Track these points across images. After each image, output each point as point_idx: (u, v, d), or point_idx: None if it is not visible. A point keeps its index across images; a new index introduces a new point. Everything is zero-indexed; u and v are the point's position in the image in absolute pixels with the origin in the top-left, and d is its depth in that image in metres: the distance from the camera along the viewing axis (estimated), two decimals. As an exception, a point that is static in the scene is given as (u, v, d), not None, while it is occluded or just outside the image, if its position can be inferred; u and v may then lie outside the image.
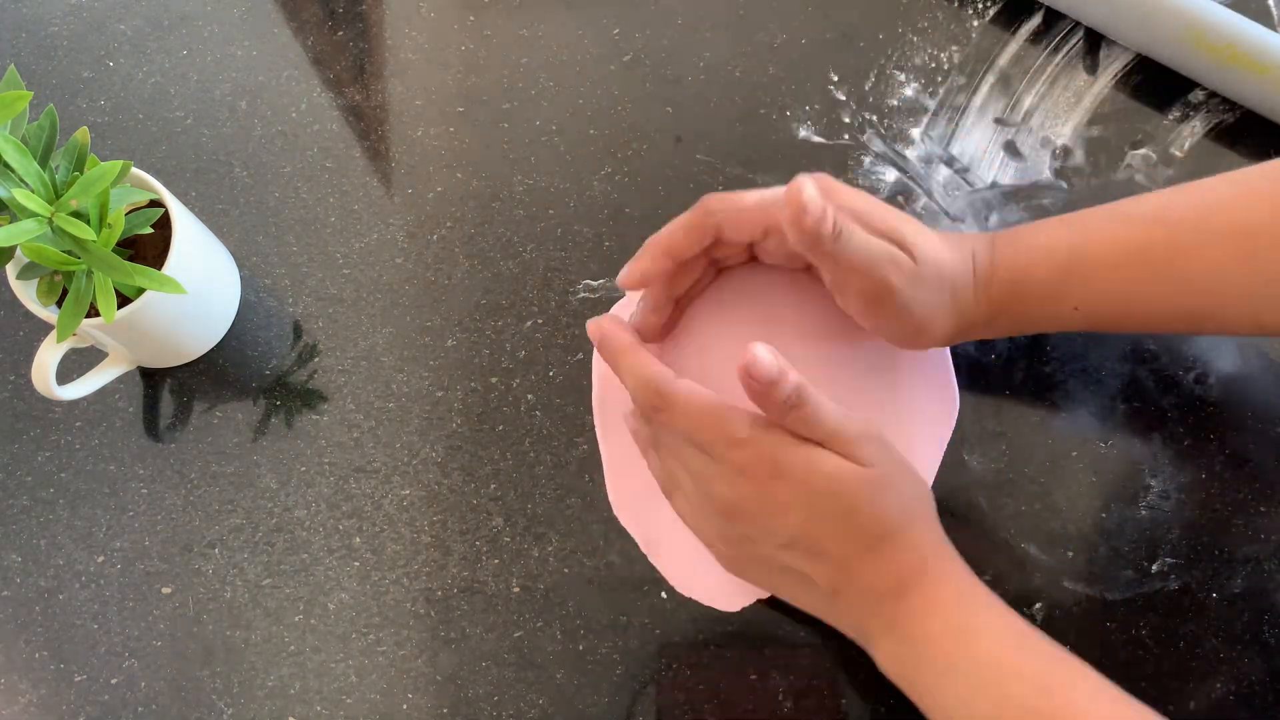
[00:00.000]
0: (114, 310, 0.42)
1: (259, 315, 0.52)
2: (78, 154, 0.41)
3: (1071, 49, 0.55)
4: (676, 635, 0.45)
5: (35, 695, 0.46)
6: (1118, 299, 0.40)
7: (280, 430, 0.49)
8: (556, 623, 0.45)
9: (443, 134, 0.55)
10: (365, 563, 0.47)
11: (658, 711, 0.44)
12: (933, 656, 0.36)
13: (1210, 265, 0.39)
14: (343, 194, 0.54)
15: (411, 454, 0.49)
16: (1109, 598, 0.44)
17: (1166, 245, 0.39)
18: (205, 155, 0.55)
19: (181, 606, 0.47)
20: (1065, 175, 0.52)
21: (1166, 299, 0.40)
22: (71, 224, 0.39)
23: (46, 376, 0.44)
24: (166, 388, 0.50)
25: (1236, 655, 0.43)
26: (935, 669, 0.36)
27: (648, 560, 0.46)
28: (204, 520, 0.48)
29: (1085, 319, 0.41)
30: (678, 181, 0.53)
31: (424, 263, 0.52)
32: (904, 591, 0.37)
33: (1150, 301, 0.40)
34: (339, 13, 0.58)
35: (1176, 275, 0.39)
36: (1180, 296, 0.40)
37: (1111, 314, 0.41)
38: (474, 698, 0.44)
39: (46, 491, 0.49)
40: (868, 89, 0.55)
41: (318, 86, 0.56)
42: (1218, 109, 0.53)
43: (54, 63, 0.57)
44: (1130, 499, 0.46)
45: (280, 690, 0.45)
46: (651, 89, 0.55)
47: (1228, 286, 0.39)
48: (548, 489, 0.48)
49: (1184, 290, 0.39)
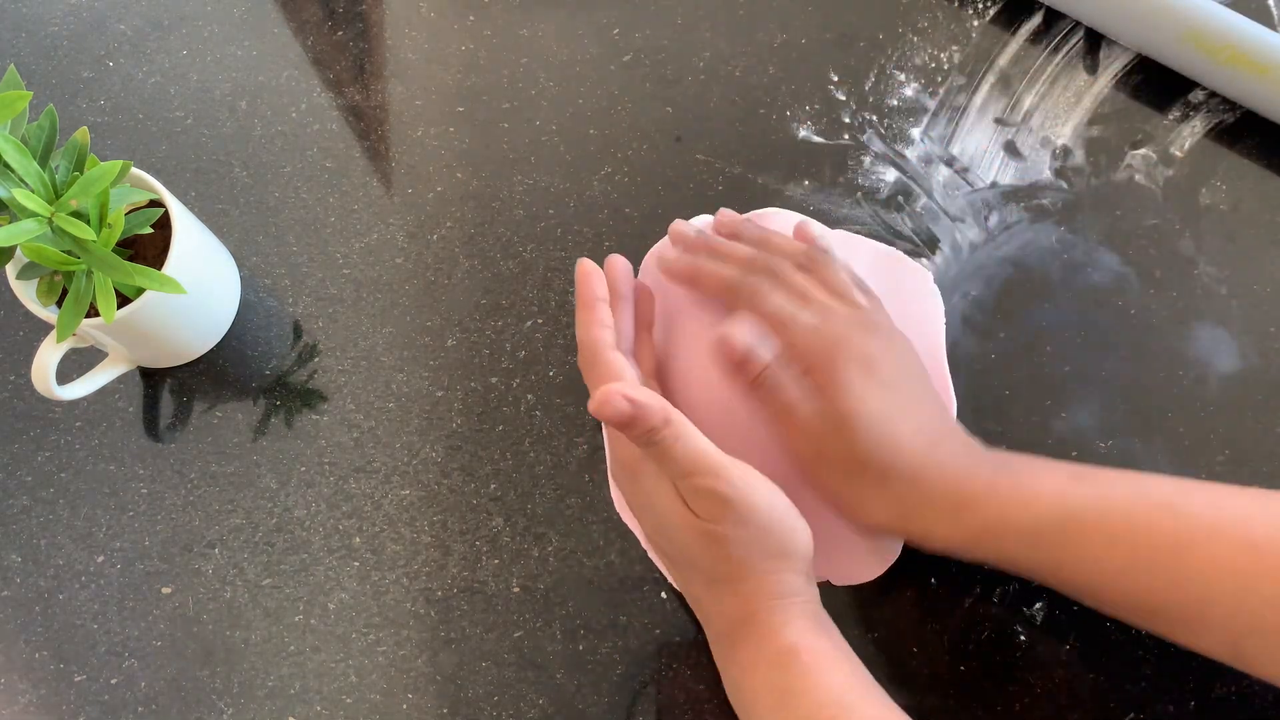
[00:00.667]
0: (114, 310, 0.42)
1: (259, 315, 0.52)
2: (78, 154, 0.41)
3: (1071, 49, 0.55)
4: (676, 635, 0.45)
5: (35, 695, 0.46)
6: (1105, 572, 0.38)
7: (280, 430, 0.49)
8: (556, 623, 0.45)
9: (443, 134, 0.55)
10: (365, 563, 0.47)
11: (658, 711, 0.44)
12: (752, 709, 0.38)
13: (1208, 569, 0.36)
14: (343, 194, 0.54)
15: (411, 454, 0.49)
16: (1109, 598, 0.44)
17: (1172, 535, 0.36)
18: (205, 155, 0.55)
19: (181, 606, 0.47)
20: (1065, 175, 0.52)
21: (1153, 592, 0.37)
22: (71, 224, 0.39)
23: (46, 376, 0.44)
24: (166, 388, 0.50)
25: (1236, 655, 0.44)
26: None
27: (648, 560, 0.46)
28: (204, 520, 0.48)
29: (1065, 585, 0.39)
30: (678, 181, 0.53)
31: (424, 263, 0.52)
32: (735, 638, 0.38)
33: (1134, 588, 0.37)
34: (339, 13, 0.58)
35: (1171, 569, 0.36)
36: (1168, 593, 0.37)
37: (1096, 583, 0.38)
38: (474, 698, 0.44)
39: (46, 491, 0.49)
40: (868, 89, 0.55)
41: (318, 86, 0.56)
42: (1218, 109, 0.53)
43: (54, 63, 0.57)
44: (1130, 499, 0.46)
45: (280, 690, 0.45)
46: (651, 89, 0.55)
47: (1218, 599, 0.36)
48: (548, 489, 0.48)
49: (1173, 587, 0.36)
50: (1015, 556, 0.39)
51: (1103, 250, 0.51)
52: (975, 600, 0.45)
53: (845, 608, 0.45)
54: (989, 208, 0.52)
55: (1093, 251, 0.51)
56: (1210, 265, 0.50)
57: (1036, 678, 0.43)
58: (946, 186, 0.52)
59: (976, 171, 0.53)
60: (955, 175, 0.53)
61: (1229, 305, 0.49)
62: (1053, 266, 0.50)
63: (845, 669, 0.37)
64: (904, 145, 0.53)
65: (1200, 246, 0.50)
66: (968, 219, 0.52)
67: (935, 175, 0.53)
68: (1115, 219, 0.51)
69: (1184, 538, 0.36)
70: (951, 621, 0.44)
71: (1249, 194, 0.51)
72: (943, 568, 0.45)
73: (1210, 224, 0.51)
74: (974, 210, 0.52)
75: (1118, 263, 0.50)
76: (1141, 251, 0.50)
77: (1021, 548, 0.38)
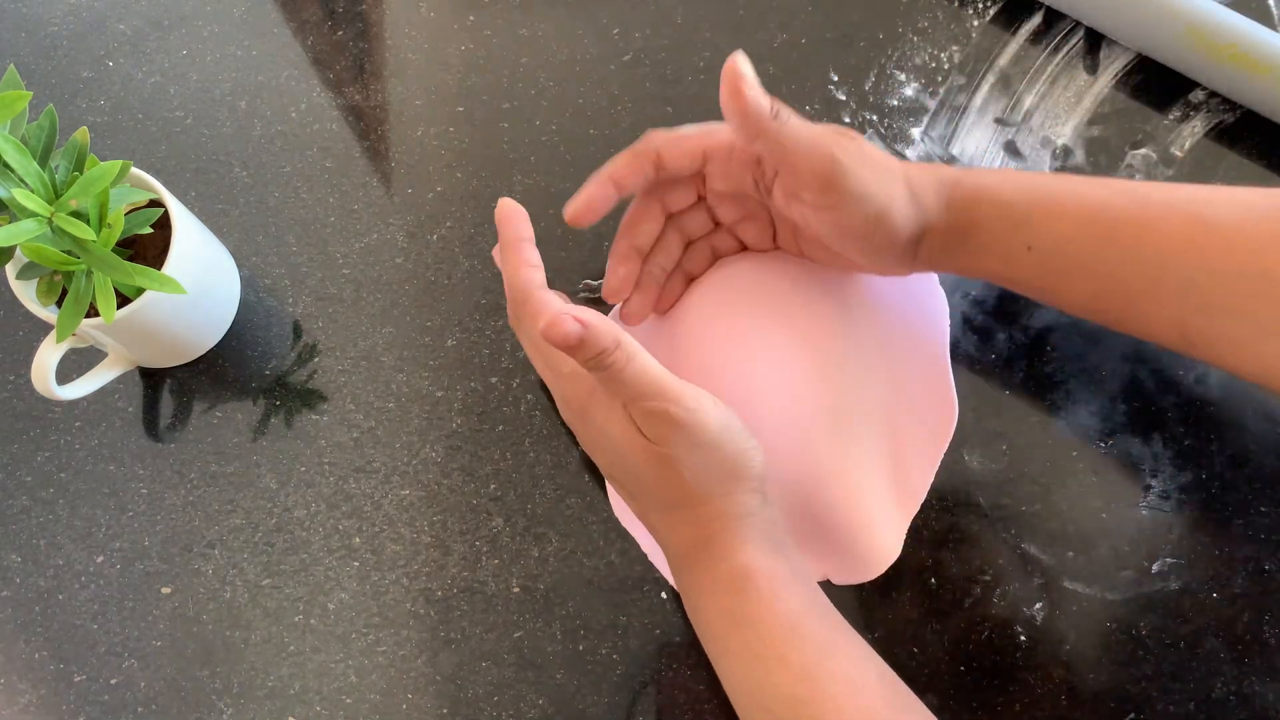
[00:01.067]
0: (114, 310, 0.42)
1: (259, 315, 0.52)
2: (77, 154, 0.41)
3: (1071, 49, 0.55)
4: (676, 635, 0.45)
5: (35, 695, 0.46)
6: (1070, 252, 0.39)
7: (280, 430, 0.49)
8: (556, 623, 0.45)
9: (443, 134, 0.55)
10: (365, 563, 0.47)
11: (658, 711, 0.44)
12: (710, 634, 0.38)
13: (1163, 245, 0.38)
14: (343, 194, 0.54)
15: (411, 454, 0.49)
16: (1109, 598, 0.44)
17: (1128, 213, 0.39)
18: (205, 155, 0.55)
19: (181, 606, 0.47)
20: (1065, 175, 0.52)
21: (1111, 269, 0.39)
22: (71, 224, 0.39)
23: (46, 376, 0.44)
24: (166, 388, 0.50)
25: (1236, 655, 0.43)
26: (713, 646, 0.38)
27: (648, 560, 0.46)
28: (204, 520, 0.48)
29: (1034, 266, 0.40)
30: (678, 181, 0.53)
31: (424, 263, 0.52)
32: (691, 562, 0.39)
33: (1097, 266, 0.39)
34: (339, 13, 0.58)
35: (1131, 248, 0.38)
36: (1125, 269, 0.39)
37: (1059, 266, 0.40)
38: (474, 698, 0.44)
39: (46, 491, 0.49)
40: (868, 89, 0.55)
41: (318, 86, 0.56)
42: (1218, 109, 0.53)
43: (54, 63, 0.57)
44: (1130, 499, 0.46)
45: (280, 690, 0.45)
46: (651, 89, 0.55)
47: (1171, 272, 0.38)
48: (548, 489, 0.48)
49: (1129, 264, 0.38)
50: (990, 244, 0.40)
51: (1103, 250, 0.51)
52: (975, 600, 0.45)
53: (845, 608, 0.44)
54: (989, 208, 0.52)
55: (1093, 251, 0.51)
56: (1210, 265, 0.50)
57: (1036, 678, 0.43)
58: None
59: (976, 171, 0.53)
60: (955, 175, 0.53)
61: (1229, 305, 0.49)
62: (1053, 266, 0.50)
63: (798, 593, 0.37)
64: (904, 145, 0.53)
65: (1200, 246, 0.50)
66: (968, 219, 0.52)
67: (935, 175, 0.53)
68: (1115, 219, 0.51)
69: (1146, 215, 0.38)
70: (951, 621, 0.44)
71: (1249, 194, 0.51)
72: (943, 568, 0.45)
73: (1210, 224, 0.51)
74: (974, 210, 0.52)
75: (1118, 263, 0.50)
76: (1141, 251, 0.50)
77: (996, 223, 0.40)
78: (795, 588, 0.37)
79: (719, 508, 0.38)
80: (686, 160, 0.42)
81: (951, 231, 0.41)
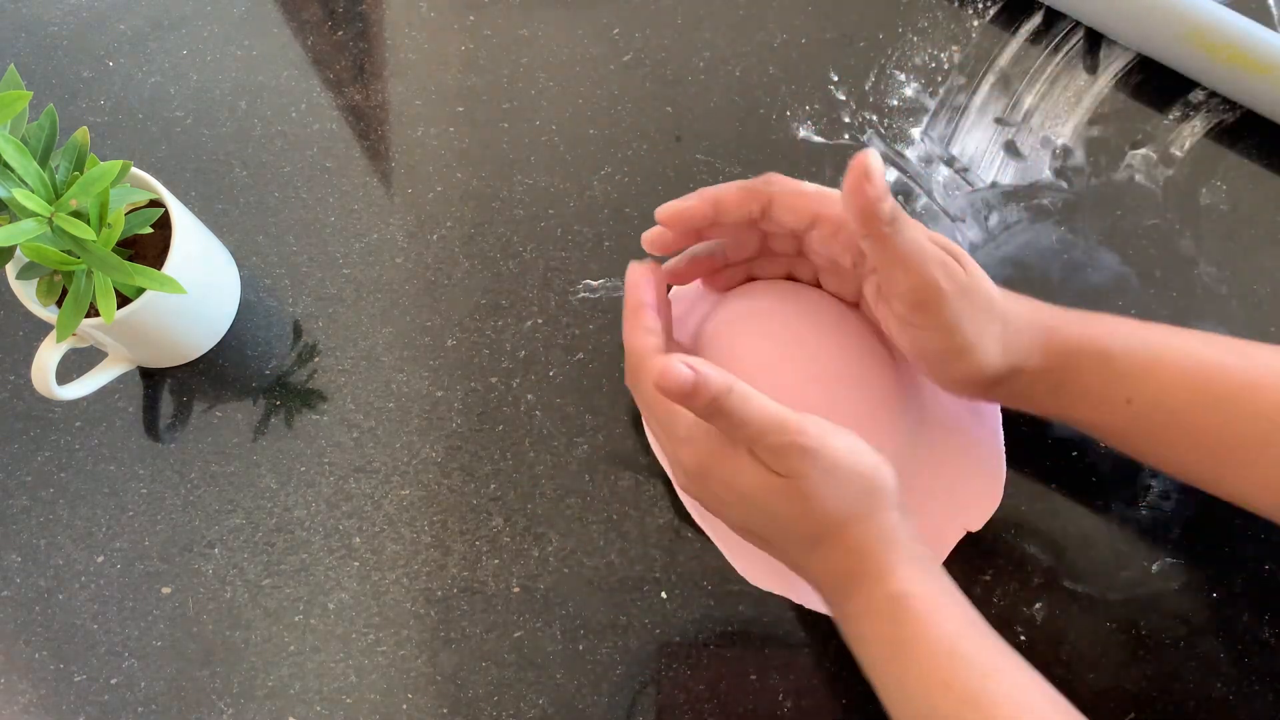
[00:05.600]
0: (114, 310, 0.42)
1: (259, 315, 0.52)
2: (78, 154, 0.41)
3: (1071, 49, 0.55)
4: (676, 635, 0.45)
5: (35, 695, 0.46)
6: (1172, 408, 0.38)
7: (280, 430, 0.49)
8: (556, 623, 0.45)
9: (443, 134, 0.55)
10: (365, 563, 0.47)
11: (658, 711, 0.44)
12: (871, 662, 0.38)
13: (1272, 410, 0.37)
14: (343, 194, 0.54)
15: (411, 454, 0.49)
16: (1109, 598, 0.44)
17: (1237, 371, 0.38)
18: (205, 155, 0.55)
19: (181, 606, 0.47)
20: (1065, 175, 0.52)
21: (1213, 428, 0.38)
22: (71, 224, 0.39)
23: (46, 376, 0.44)
24: (166, 388, 0.50)
25: (1236, 655, 0.43)
26: (873, 671, 0.38)
27: (648, 560, 0.46)
28: (204, 520, 0.48)
29: (1132, 419, 0.39)
30: (678, 181, 0.53)
31: (424, 263, 0.52)
32: (844, 591, 0.38)
33: (1199, 424, 0.38)
34: (339, 13, 0.58)
35: (1236, 406, 0.37)
36: (1227, 429, 0.38)
37: (1159, 421, 0.39)
38: (474, 698, 0.44)
39: (46, 491, 0.49)
40: (868, 89, 0.55)
41: (318, 86, 0.56)
42: (1218, 109, 0.53)
43: (54, 63, 0.57)
44: (1130, 499, 0.46)
45: (280, 690, 0.45)
46: (651, 89, 0.55)
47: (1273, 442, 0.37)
48: (548, 489, 0.48)
49: (1233, 424, 0.37)
50: (1088, 390, 0.39)
51: (1103, 250, 0.51)
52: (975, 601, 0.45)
53: (845, 608, 0.45)
54: (989, 207, 0.52)
55: (1093, 251, 0.51)
56: (1210, 265, 0.50)
57: (1036, 678, 0.43)
58: (946, 186, 0.52)
59: (976, 171, 0.53)
60: (955, 175, 0.53)
61: (1229, 305, 0.49)
62: (1053, 266, 0.50)
63: (956, 615, 0.37)
64: (904, 145, 0.53)
65: (1200, 246, 0.50)
66: (968, 219, 0.52)
67: (935, 175, 0.53)
68: (1115, 219, 0.51)
69: (1252, 377, 0.37)
70: (951, 621, 0.44)
71: (1249, 194, 0.51)
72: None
73: (1210, 224, 0.51)
74: (974, 210, 0.52)
75: (1118, 263, 0.50)
76: (1141, 251, 0.50)
77: (1096, 374, 0.39)
78: (953, 609, 0.37)
79: (864, 530, 0.38)
80: (794, 217, 0.41)
81: (1046, 377, 0.40)
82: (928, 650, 0.36)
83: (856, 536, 0.37)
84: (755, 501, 0.38)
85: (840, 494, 0.37)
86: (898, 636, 0.36)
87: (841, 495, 0.37)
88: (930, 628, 0.36)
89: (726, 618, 0.45)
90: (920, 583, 0.37)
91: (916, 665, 0.36)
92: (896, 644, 0.36)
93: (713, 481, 0.39)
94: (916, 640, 0.36)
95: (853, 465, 0.37)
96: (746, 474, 0.37)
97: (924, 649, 0.36)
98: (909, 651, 0.36)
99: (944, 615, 0.36)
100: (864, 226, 0.36)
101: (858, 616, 0.38)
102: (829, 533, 0.37)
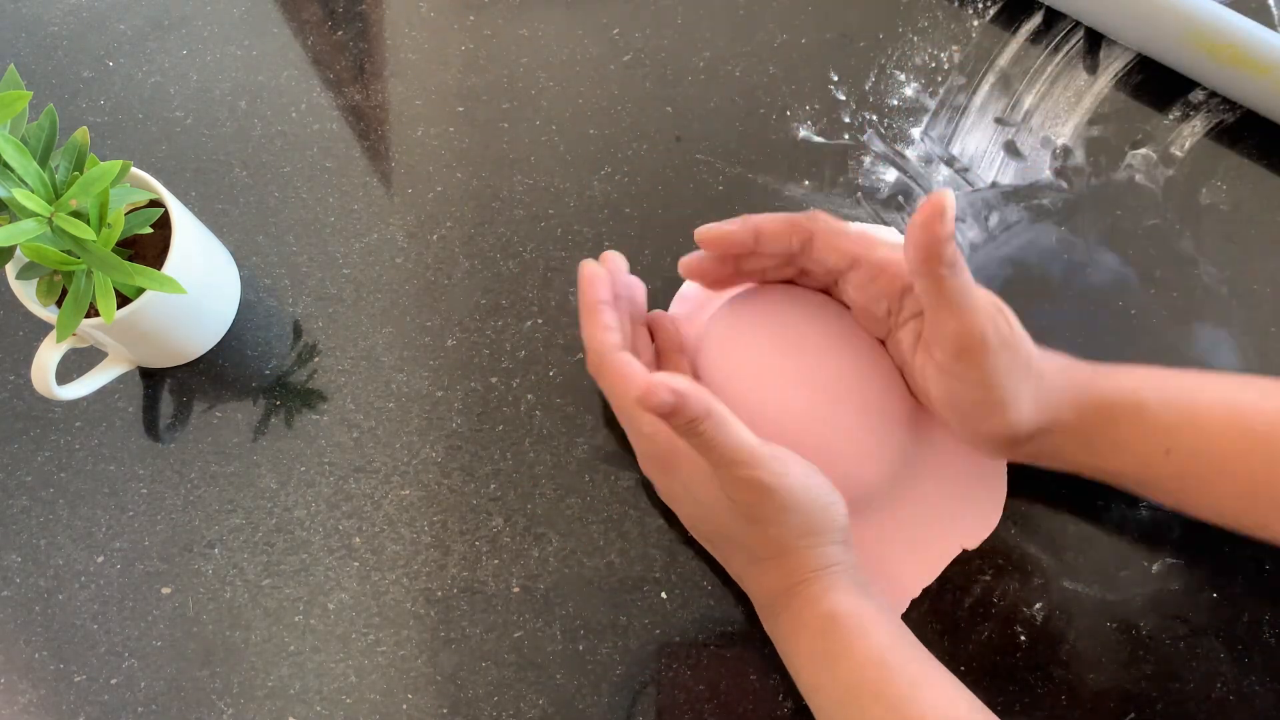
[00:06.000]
0: (114, 310, 0.42)
1: (259, 315, 0.52)
2: (77, 154, 0.41)
3: (1071, 49, 0.55)
4: (676, 635, 0.45)
5: (35, 695, 0.46)
6: (1212, 455, 0.38)
7: (280, 430, 0.49)
8: (556, 623, 0.45)
9: (443, 134, 0.55)
10: (365, 563, 0.47)
11: (658, 711, 0.44)
12: (801, 675, 0.39)
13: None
14: (343, 194, 0.54)
15: (411, 454, 0.49)
16: (1109, 598, 0.44)
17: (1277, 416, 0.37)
18: (205, 155, 0.55)
19: (181, 606, 0.47)
20: (1065, 175, 0.52)
21: (1256, 473, 0.37)
22: (71, 224, 0.39)
23: (46, 376, 0.44)
24: (166, 388, 0.50)
25: (1236, 655, 0.43)
26: (806, 686, 0.39)
27: (648, 560, 0.46)
28: (204, 520, 0.48)
29: (1172, 469, 0.39)
30: (678, 181, 0.53)
31: (424, 263, 0.52)
32: (779, 609, 0.40)
33: (1241, 470, 0.38)
34: (339, 13, 0.58)
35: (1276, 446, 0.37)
36: (1271, 472, 0.37)
37: (1199, 470, 0.38)
38: (474, 698, 0.44)
39: (46, 491, 0.49)
40: (868, 89, 0.55)
41: (318, 86, 0.56)
42: (1218, 109, 0.53)
43: (54, 63, 0.57)
44: (1130, 499, 0.46)
45: (280, 690, 0.45)
46: (651, 89, 0.55)
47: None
48: (548, 489, 0.48)
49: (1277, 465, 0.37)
50: (1124, 444, 0.39)
51: (1103, 250, 0.51)
52: (975, 600, 0.45)
53: (845, 608, 0.45)
54: (989, 208, 0.52)
55: (1093, 251, 0.51)
56: (1210, 265, 0.50)
57: (1036, 678, 0.43)
58: (947, 186, 0.52)
59: (977, 171, 0.53)
60: (955, 175, 0.53)
61: (1229, 305, 0.49)
62: (1053, 266, 0.50)
63: (885, 629, 0.38)
64: (904, 145, 0.53)
65: (1200, 246, 0.50)
66: (968, 219, 0.52)
67: (935, 175, 0.53)
68: (1115, 219, 0.51)
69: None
70: (952, 622, 0.44)
71: (1249, 194, 0.51)
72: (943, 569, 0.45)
73: (1210, 224, 0.51)
74: (974, 210, 0.52)
75: (1118, 263, 0.50)
76: (1141, 251, 0.50)
77: (1133, 427, 0.39)
78: (882, 624, 0.38)
79: (805, 559, 0.39)
80: (835, 257, 0.41)
81: (1079, 433, 0.40)
82: (857, 662, 0.37)
83: (796, 562, 0.39)
84: (707, 510, 0.40)
85: (790, 527, 0.38)
86: (828, 650, 0.37)
87: (790, 528, 0.38)
88: (859, 639, 0.37)
89: (726, 618, 0.45)
90: (852, 603, 0.38)
91: (846, 675, 0.36)
92: (827, 656, 0.37)
93: (672, 479, 0.41)
94: (846, 653, 0.37)
95: (806, 504, 0.38)
96: (703, 489, 0.39)
97: (854, 661, 0.37)
98: (839, 663, 0.37)
99: (874, 629, 0.37)
100: (924, 264, 0.35)
101: (790, 631, 0.39)
102: (770, 555, 0.39)
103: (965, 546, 0.45)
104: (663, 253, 0.51)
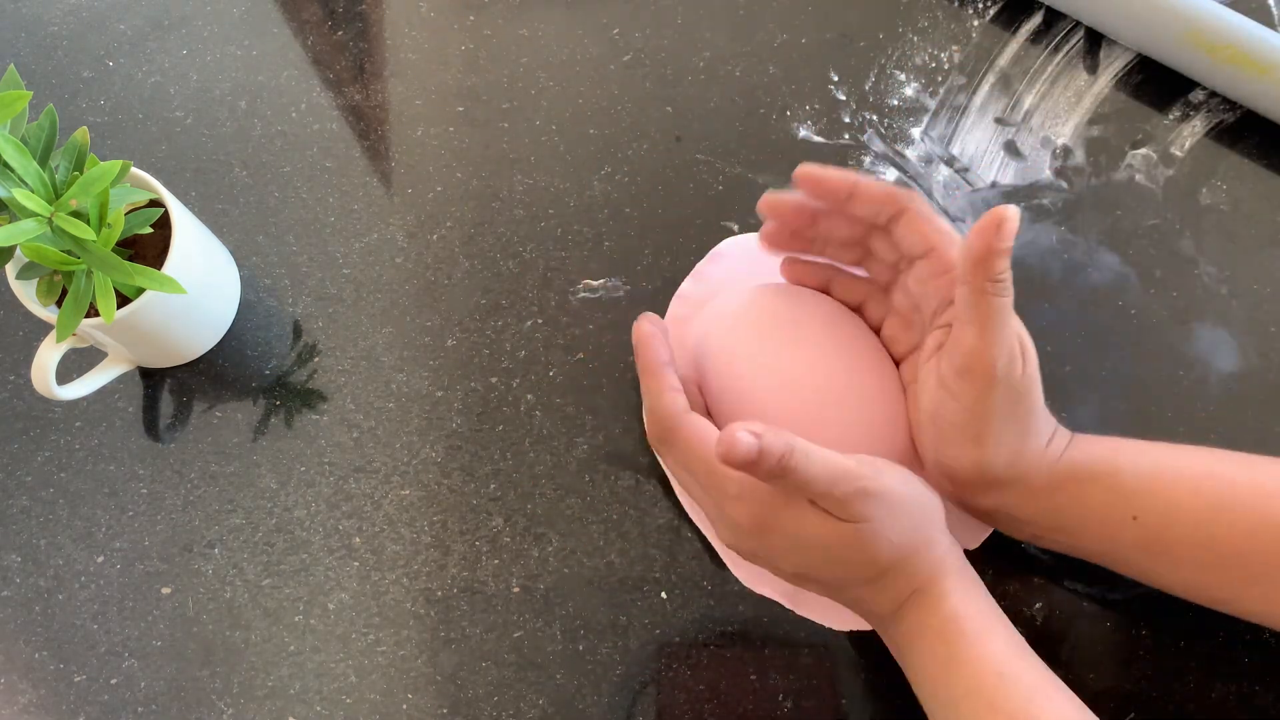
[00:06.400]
0: (114, 310, 0.42)
1: (259, 315, 0.52)
2: (77, 154, 0.41)
3: (1071, 49, 0.55)
4: (676, 635, 0.45)
5: (35, 695, 0.46)
6: (1183, 526, 0.38)
7: (280, 430, 0.49)
8: (556, 623, 0.45)
9: (443, 134, 0.55)
10: (365, 563, 0.47)
11: (658, 711, 0.44)
12: (921, 679, 0.38)
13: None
14: (343, 194, 0.54)
15: (411, 454, 0.49)
16: (1109, 598, 0.44)
17: (1252, 485, 0.37)
18: (205, 155, 0.55)
19: (181, 606, 0.47)
20: (1065, 175, 0.52)
21: (1231, 540, 0.37)
22: (71, 224, 0.39)
23: (46, 376, 0.44)
24: (166, 388, 0.50)
25: (1236, 655, 0.43)
26: (924, 691, 0.38)
27: (648, 560, 0.46)
28: (204, 520, 0.48)
29: (1139, 538, 0.39)
30: (678, 181, 0.53)
31: (424, 263, 0.52)
32: (900, 616, 0.39)
33: (1211, 537, 0.37)
34: (339, 13, 0.58)
35: (1254, 517, 0.37)
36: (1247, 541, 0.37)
37: (1167, 538, 0.38)
38: (474, 698, 0.44)
39: (46, 491, 0.49)
40: (868, 89, 0.55)
41: (318, 86, 0.56)
42: (1218, 109, 0.53)
43: (54, 63, 0.57)
44: (1130, 499, 0.46)
45: (280, 690, 0.45)
46: (651, 89, 0.55)
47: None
48: (548, 489, 0.48)
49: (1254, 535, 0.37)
50: (1092, 509, 0.39)
51: (1103, 250, 0.51)
52: (975, 600, 0.45)
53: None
54: (989, 208, 0.52)
55: (1093, 251, 0.51)
56: (1210, 265, 0.50)
57: (1036, 678, 0.43)
58: (947, 186, 0.52)
59: (977, 171, 0.53)
60: (955, 175, 0.53)
61: (1229, 305, 0.49)
62: (1053, 266, 0.50)
63: (1003, 635, 0.37)
64: (904, 145, 0.53)
65: (1200, 246, 0.50)
66: (968, 219, 0.52)
67: (935, 175, 0.53)
68: (1115, 219, 0.51)
69: (1269, 487, 0.37)
70: (951, 621, 0.44)
71: (1249, 194, 0.51)
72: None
73: (1210, 224, 0.51)
74: (974, 210, 0.52)
75: (1118, 263, 0.50)
76: (1141, 251, 0.50)
77: (1101, 494, 0.39)
78: (1000, 630, 0.38)
79: (920, 560, 0.38)
80: (915, 240, 0.40)
81: (1044, 495, 0.40)
82: (976, 671, 0.36)
83: (914, 565, 0.38)
84: (818, 549, 0.38)
85: (901, 530, 0.37)
86: (949, 655, 0.37)
87: (903, 530, 0.37)
88: (979, 648, 0.37)
89: (726, 618, 0.45)
90: (971, 604, 0.38)
91: (964, 683, 0.36)
92: (947, 662, 0.37)
93: (772, 535, 0.38)
94: (967, 660, 0.37)
95: (913, 497, 0.38)
96: (811, 525, 0.37)
97: (973, 669, 0.36)
98: (959, 669, 0.37)
99: (992, 636, 0.37)
100: (973, 272, 0.35)
101: (910, 635, 0.38)
102: (891, 566, 0.38)
103: (965, 547, 0.45)
104: (662, 253, 0.51)
